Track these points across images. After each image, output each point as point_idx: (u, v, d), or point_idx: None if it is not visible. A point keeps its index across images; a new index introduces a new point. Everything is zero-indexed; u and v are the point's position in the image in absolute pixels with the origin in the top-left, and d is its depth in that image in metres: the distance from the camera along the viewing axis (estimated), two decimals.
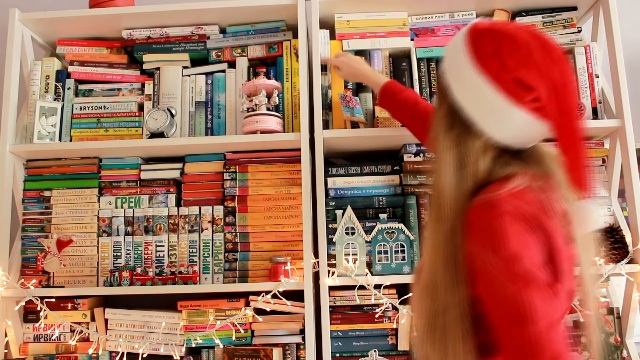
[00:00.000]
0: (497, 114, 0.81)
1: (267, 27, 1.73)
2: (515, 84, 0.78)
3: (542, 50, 0.79)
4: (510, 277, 0.74)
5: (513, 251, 0.74)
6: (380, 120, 1.57)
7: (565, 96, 0.77)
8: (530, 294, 0.73)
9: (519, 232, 0.75)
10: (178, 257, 1.62)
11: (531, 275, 0.74)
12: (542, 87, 0.77)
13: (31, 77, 1.71)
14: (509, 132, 0.82)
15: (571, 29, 1.65)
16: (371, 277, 1.49)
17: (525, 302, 0.73)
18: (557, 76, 0.77)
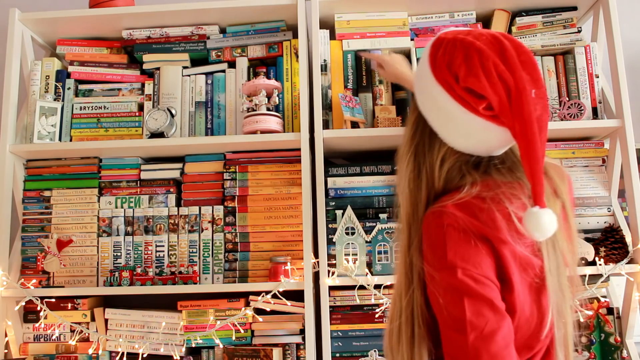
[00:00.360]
0: (454, 122, 0.83)
1: (267, 27, 1.73)
2: (467, 92, 0.80)
3: (498, 58, 0.78)
4: (445, 287, 0.78)
5: (449, 262, 0.77)
6: (380, 120, 1.57)
7: (521, 103, 0.76)
8: (459, 304, 0.75)
9: (458, 243, 0.78)
10: (178, 257, 1.62)
11: (464, 286, 0.76)
12: (493, 95, 0.77)
13: (31, 77, 1.71)
14: (468, 140, 0.84)
15: (571, 29, 1.65)
16: (371, 277, 1.49)
17: (456, 312, 0.76)
18: (511, 83, 0.77)
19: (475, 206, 0.79)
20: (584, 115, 1.57)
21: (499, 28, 1.67)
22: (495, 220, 0.78)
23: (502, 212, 0.79)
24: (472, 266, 0.77)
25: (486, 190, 0.81)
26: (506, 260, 0.78)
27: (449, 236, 0.79)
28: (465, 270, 0.76)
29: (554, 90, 1.62)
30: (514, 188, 0.82)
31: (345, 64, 1.66)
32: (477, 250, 0.78)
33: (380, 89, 1.65)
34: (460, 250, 0.78)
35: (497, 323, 0.74)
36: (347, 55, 1.67)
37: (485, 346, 0.73)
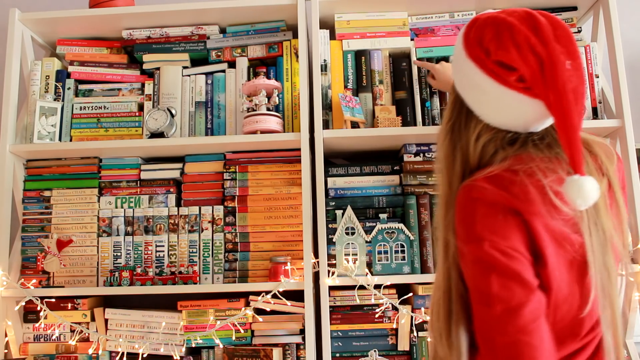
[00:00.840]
0: (488, 97, 0.84)
1: (267, 27, 1.73)
2: (498, 66, 0.81)
3: (530, 31, 0.79)
4: (473, 260, 0.78)
5: (477, 235, 0.78)
6: (380, 120, 1.57)
7: (555, 74, 0.76)
8: (486, 277, 0.76)
9: (486, 216, 0.78)
10: (178, 257, 1.62)
11: (491, 259, 0.76)
12: (524, 67, 0.78)
13: (31, 77, 1.71)
14: (503, 114, 0.84)
15: (571, 29, 1.65)
16: (371, 277, 1.49)
17: (483, 285, 0.76)
18: (544, 55, 0.77)
19: (506, 179, 0.79)
20: (584, 115, 1.57)
21: None
22: (527, 193, 0.78)
23: (536, 184, 0.78)
24: (500, 238, 0.76)
25: (519, 164, 0.81)
26: (538, 234, 0.77)
27: (478, 209, 0.79)
28: (492, 243, 0.76)
29: None
30: (551, 162, 0.81)
31: (345, 64, 1.66)
32: (506, 222, 0.77)
33: (380, 89, 1.65)
34: (488, 222, 0.78)
35: (525, 297, 0.74)
36: (347, 55, 1.67)
37: (511, 319, 0.73)
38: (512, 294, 0.74)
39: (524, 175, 0.79)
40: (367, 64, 1.66)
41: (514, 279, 0.75)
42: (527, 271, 0.76)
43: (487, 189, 0.79)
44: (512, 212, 0.77)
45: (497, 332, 0.74)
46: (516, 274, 0.75)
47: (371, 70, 1.66)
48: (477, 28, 0.84)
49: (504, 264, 0.75)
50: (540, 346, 0.73)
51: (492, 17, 0.83)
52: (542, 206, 0.77)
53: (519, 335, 0.72)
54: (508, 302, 0.74)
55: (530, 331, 0.72)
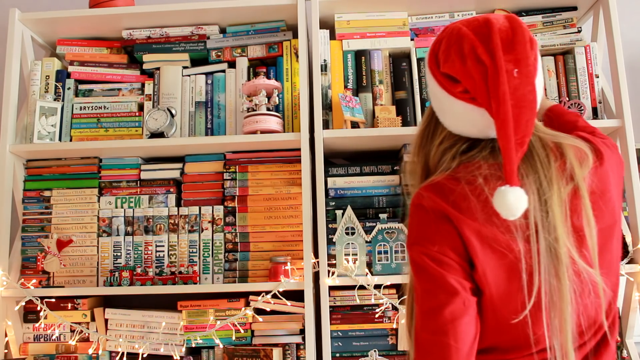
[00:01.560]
0: (443, 105, 0.88)
1: (267, 27, 1.73)
2: (445, 77, 0.85)
3: (479, 41, 0.80)
4: (410, 261, 0.85)
5: (413, 239, 0.84)
6: (380, 120, 1.57)
7: (497, 83, 0.77)
8: (416, 278, 0.83)
9: (421, 222, 0.84)
10: (178, 257, 1.62)
11: (420, 261, 0.81)
12: (467, 79, 0.81)
13: (31, 77, 1.71)
14: (458, 122, 0.88)
15: (571, 29, 1.65)
16: (371, 277, 1.49)
17: (415, 285, 0.83)
18: (489, 64, 0.78)
19: (446, 187, 0.83)
20: (584, 115, 1.57)
21: None
22: (465, 201, 0.81)
23: (475, 192, 0.81)
24: (429, 243, 0.81)
25: (463, 171, 0.84)
26: (468, 239, 0.80)
27: (416, 215, 0.85)
28: (422, 247, 0.82)
29: (554, 90, 1.63)
30: (501, 169, 0.82)
31: (345, 64, 1.66)
32: (439, 228, 0.81)
33: (380, 89, 1.65)
34: (421, 228, 0.83)
35: (446, 298, 0.78)
36: (347, 55, 1.67)
37: (432, 318, 0.79)
38: (434, 295, 0.80)
39: (464, 182, 0.82)
40: (367, 64, 1.66)
41: (438, 282, 0.80)
42: (453, 275, 0.80)
43: (425, 196, 0.83)
44: (444, 218, 0.81)
45: (420, 328, 0.81)
46: (441, 277, 0.80)
47: (371, 70, 1.66)
48: (436, 39, 0.88)
49: (431, 268, 0.80)
50: (454, 345, 0.77)
51: (450, 29, 0.86)
52: (480, 213, 0.80)
53: (437, 334, 0.78)
54: (430, 302, 0.80)
55: (446, 331, 0.77)
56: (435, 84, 0.87)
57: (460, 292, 0.79)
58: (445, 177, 0.84)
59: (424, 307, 0.81)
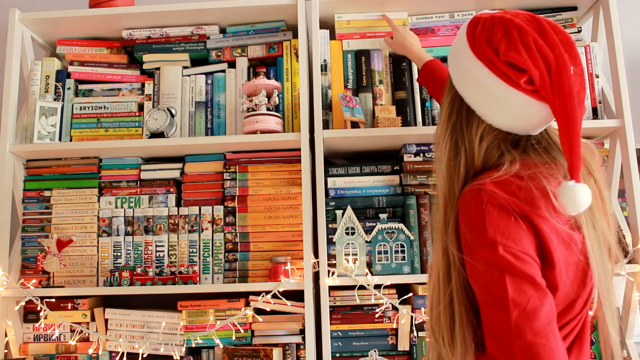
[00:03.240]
0: (494, 97, 0.83)
1: (267, 27, 1.73)
2: (508, 66, 0.80)
3: (537, 34, 0.79)
4: (486, 264, 0.77)
5: (490, 239, 0.77)
6: (380, 120, 1.57)
7: (561, 78, 0.77)
8: (501, 281, 0.75)
9: (497, 220, 0.78)
10: (178, 257, 1.62)
11: (505, 263, 0.75)
12: (534, 69, 0.78)
13: (31, 77, 1.71)
14: (508, 116, 0.84)
15: (571, 29, 1.65)
16: (371, 277, 1.49)
17: (498, 289, 0.75)
18: (551, 59, 0.78)
19: (513, 184, 0.80)
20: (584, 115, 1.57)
21: None
22: (533, 198, 0.78)
23: (540, 190, 0.79)
24: (512, 243, 0.76)
25: (524, 169, 0.81)
26: (546, 237, 0.77)
27: (489, 213, 0.78)
28: (506, 247, 0.76)
29: None
30: (551, 168, 0.83)
31: (345, 64, 1.66)
32: (518, 227, 0.77)
33: (380, 89, 1.65)
34: (500, 227, 0.77)
35: (540, 300, 0.74)
36: (347, 55, 1.67)
37: (528, 323, 0.73)
38: (527, 297, 0.74)
39: (529, 180, 0.80)
40: (367, 64, 1.66)
41: (529, 283, 0.75)
42: (538, 275, 0.76)
43: (497, 193, 0.78)
44: (521, 216, 0.78)
45: (514, 336, 0.73)
46: (530, 277, 0.75)
47: (371, 70, 1.66)
48: (483, 26, 0.83)
49: (518, 268, 0.75)
50: (557, 348, 0.73)
51: (499, 17, 0.82)
52: (546, 210, 0.78)
53: (537, 338, 0.72)
54: (524, 306, 0.74)
55: (546, 334, 0.73)
56: (487, 73, 0.81)
57: (548, 292, 0.76)
58: (511, 174, 0.81)
59: (514, 313, 0.74)
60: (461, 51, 0.86)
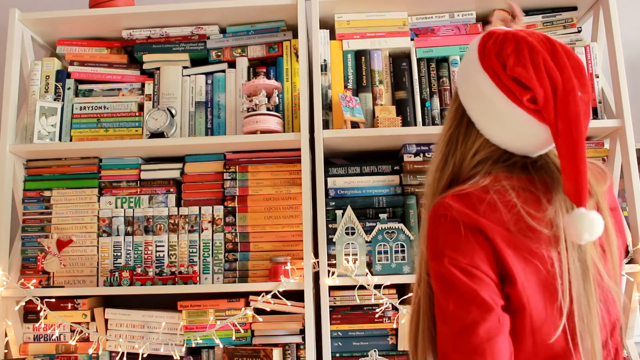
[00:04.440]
0: (495, 112, 0.81)
1: (267, 27, 1.73)
2: (513, 82, 0.79)
3: (548, 55, 0.78)
4: (434, 276, 0.79)
5: (439, 251, 0.78)
6: (380, 120, 1.57)
7: (567, 102, 0.75)
8: (444, 294, 0.76)
9: (448, 232, 0.78)
10: (178, 257, 1.62)
11: (449, 275, 0.76)
12: (539, 89, 0.77)
13: (31, 77, 1.71)
14: (506, 133, 0.82)
15: (571, 29, 1.65)
16: (371, 277, 1.49)
17: (441, 301, 0.77)
18: (558, 81, 0.76)
19: (475, 197, 0.79)
20: None
21: None
22: (494, 212, 0.77)
23: (506, 203, 0.78)
24: (460, 255, 0.76)
25: (495, 183, 0.80)
26: (503, 251, 0.76)
27: (442, 226, 0.79)
28: (451, 260, 0.76)
29: None
30: (531, 183, 0.81)
31: (345, 64, 1.66)
32: (467, 240, 0.77)
33: (380, 89, 1.65)
34: (450, 239, 0.78)
35: (480, 316, 0.73)
36: (347, 55, 1.67)
37: (464, 338, 0.73)
38: (466, 312, 0.74)
39: (493, 192, 0.78)
40: (367, 64, 1.66)
41: (470, 298, 0.74)
42: (485, 290, 0.75)
43: (452, 206, 0.78)
44: (475, 230, 0.77)
45: (452, 349, 0.74)
46: (473, 292, 0.74)
47: (371, 70, 1.66)
48: (495, 40, 0.82)
49: (462, 282, 0.75)
50: None
51: (512, 33, 0.82)
52: (512, 224, 0.77)
53: (472, 354, 0.72)
54: (463, 320, 0.74)
55: (482, 351, 0.72)
56: (492, 86, 0.81)
57: (494, 308, 0.74)
58: (474, 187, 0.80)
59: (454, 326, 0.74)
60: (470, 62, 0.85)
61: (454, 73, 1.64)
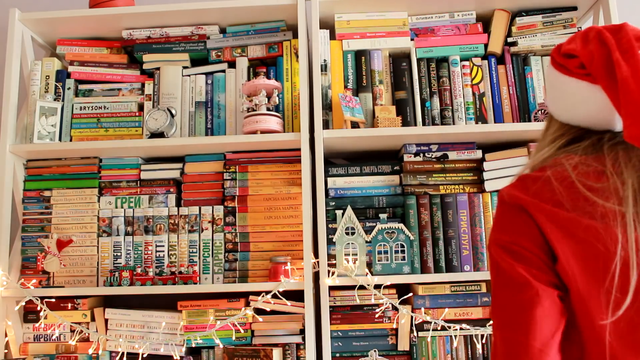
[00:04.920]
0: (556, 90, 0.86)
1: (267, 27, 1.73)
2: (564, 57, 0.83)
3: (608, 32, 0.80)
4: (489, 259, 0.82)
5: (490, 235, 0.82)
6: (380, 120, 1.57)
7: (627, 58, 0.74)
8: (491, 273, 0.80)
9: (499, 216, 0.81)
10: (178, 257, 1.62)
11: (493, 254, 0.79)
12: (585, 54, 0.79)
13: (31, 77, 1.71)
14: (568, 106, 0.84)
15: (571, 29, 1.65)
16: (371, 277, 1.49)
17: (491, 280, 0.80)
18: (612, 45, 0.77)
19: (531, 178, 0.79)
20: None
21: (499, 28, 1.66)
22: (549, 188, 0.76)
23: (561, 179, 0.76)
24: (503, 235, 0.78)
25: (552, 162, 0.80)
26: (546, 229, 0.75)
27: (500, 212, 0.81)
28: (496, 240, 0.79)
29: None
30: (598, 159, 0.78)
31: (345, 64, 1.66)
32: (512, 219, 0.78)
33: (380, 89, 1.65)
34: (498, 222, 0.81)
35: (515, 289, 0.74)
36: (347, 55, 1.67)
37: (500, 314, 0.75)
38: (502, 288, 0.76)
39: (550, 171, 0.78)
40: (367, 64, 1.66)
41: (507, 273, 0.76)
42: (523, 264, 0.75)
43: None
44: (520, 209, 0.78)
45: (494, 327, 0.77)
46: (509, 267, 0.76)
47: (371, 70, 1.66)
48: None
49: (501, 259, 0.77)
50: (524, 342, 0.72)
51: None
52: (567, 200, 0.74)
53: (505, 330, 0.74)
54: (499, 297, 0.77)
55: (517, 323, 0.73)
56: (551, 71, 0.86)
57: (530, 281, 0.73)
58: (536, 169, 0.81)
59: (494, 303, 0.77)
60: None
61: (454, 73, 1.64)
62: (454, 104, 1.63)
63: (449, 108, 1.63)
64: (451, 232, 1.55)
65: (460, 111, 1.62)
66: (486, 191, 1.57)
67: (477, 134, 1.57)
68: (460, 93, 1.64)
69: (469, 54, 1.66)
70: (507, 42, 1.67)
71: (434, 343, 1.50)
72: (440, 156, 1.60)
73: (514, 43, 1.65)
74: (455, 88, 1.64)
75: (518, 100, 1.64)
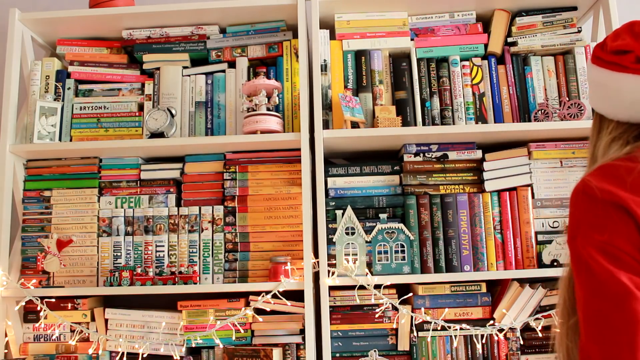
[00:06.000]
0: (608, 91, 0.82)
1: (267, 27, 1.73)
2: (614, 55, 0.81)
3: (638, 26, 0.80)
4: (570, 256, 0.73)
5: (573, 231, 0.73)
6: (380, 120, 1.57)
7: None
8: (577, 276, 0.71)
9: (587, 210, 0.72)
10: (178, 257, 1.62)
11: (583, 257, 0.70)
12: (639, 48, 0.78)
13: (31, 77, 1.71)
14: (624, 104, 0.81)
15: (571, 29, 1.65)
16: (371, 277, 1.49)
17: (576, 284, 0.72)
18: None
19: (621, 168, 0.72)
20: (584, 115, 1.57)
21: (499, 28, 1.66)
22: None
23: None
24: (596, 233, 0.69)
25: (638, 152, 0.75)
26: None
27: (580, 203, 0.73)
28: (586, 239, 0.70)
29: (554, 90, 1.63)
30: None
31: (345, 64, 1.66)
32: (608, 216, 0.69)
33: (380, 89, 1.65)
34: (586, 217, 0.72)
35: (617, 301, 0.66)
36: (347, 55, 1.67)
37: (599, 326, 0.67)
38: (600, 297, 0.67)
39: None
40: (367, 64, 1.66)
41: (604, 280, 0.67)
42: (625, 272, 0.67)
43: (591, 182, 0.72)
44: (616, 205, 0.69)
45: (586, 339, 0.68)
46: (607, 273, 0.67)
47: (371, 70, 1.66)
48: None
49: (596, 263, 0.68)
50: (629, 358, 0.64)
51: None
52: None
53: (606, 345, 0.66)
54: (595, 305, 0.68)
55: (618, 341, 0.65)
56: (600, 71, 0.83)
57: (633, 292, 0.65)
58: (619, 159, 0.75)
59: (588, 312, 0.67)
60: (587, 69, 0.89)
61: (454, 73, 1.64)
62: (454, 104, 1.63)
63: (449, 108, 1.63)
64: (451, 232, 1.55)
65: (460, 111, 1.63)
66: (486, 191, 1.57)
67: (477, 134, 1.57)
68: (460, 93, 1.64)
69: (469, 54, 1.66)
70: (507, 42, 1.67)
71: (434, 343, 1.51)
72: (440, 156, 1.60)
73: (514, 43, 1.65)
74: (455, 88, 1.64)
75: (518, 100, 1.64)
